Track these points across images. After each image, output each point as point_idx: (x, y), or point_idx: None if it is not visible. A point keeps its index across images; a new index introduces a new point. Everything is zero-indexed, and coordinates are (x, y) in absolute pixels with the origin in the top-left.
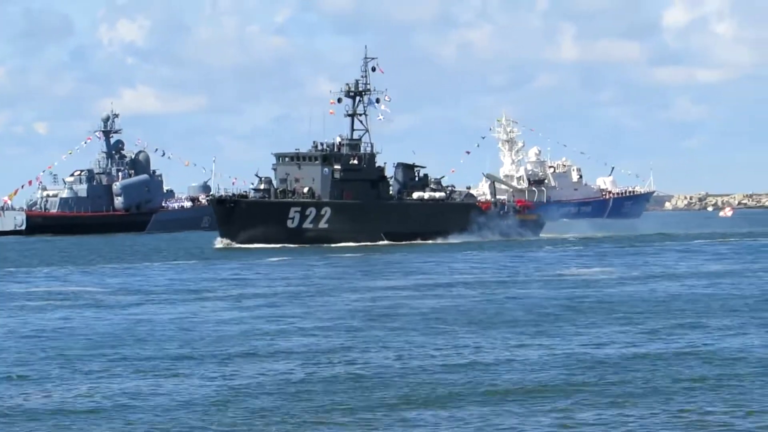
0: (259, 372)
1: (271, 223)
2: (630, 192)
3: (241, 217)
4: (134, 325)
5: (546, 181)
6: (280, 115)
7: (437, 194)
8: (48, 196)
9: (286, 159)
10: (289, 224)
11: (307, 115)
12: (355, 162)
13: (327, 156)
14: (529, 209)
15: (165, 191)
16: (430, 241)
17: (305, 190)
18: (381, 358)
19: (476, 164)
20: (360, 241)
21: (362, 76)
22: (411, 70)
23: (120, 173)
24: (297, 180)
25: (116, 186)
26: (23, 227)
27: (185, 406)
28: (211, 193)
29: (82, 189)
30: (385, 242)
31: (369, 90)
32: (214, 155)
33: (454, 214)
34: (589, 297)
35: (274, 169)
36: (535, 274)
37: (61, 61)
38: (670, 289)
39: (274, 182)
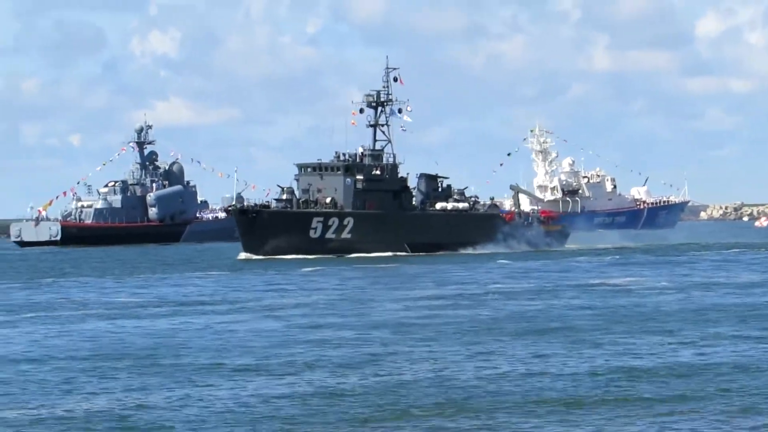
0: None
1: (294, 234)
2: (664, 202)
3: (263, 227)
4: (173, 335)
5: (580, 191)
6: (311, 126)
7: (460, 205)
8: (83, 207)
9: (309, 169)
10: (312, 234)
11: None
12: (378, 172)
13: (349, 166)
14: (554, 220)
15: (199, 202)
16: (461, 251)
17: (328, 200)
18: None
19: (509, 176)
20: (382, 252)
21: (384, 87)
22: (441, 81)
23: (154, 184)
24: (319, 190)
25: (150, 197)
26: (58, 238)
27: (222, 414)
28: (232, 204)
29: (116, 200)
30: (408, 253)
31: (391, 100)
32: (236, 166)
33: (478, 225)
34: (642, 306)
35: (297, 180)
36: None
37: (94, 74)
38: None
39: (297, 192)
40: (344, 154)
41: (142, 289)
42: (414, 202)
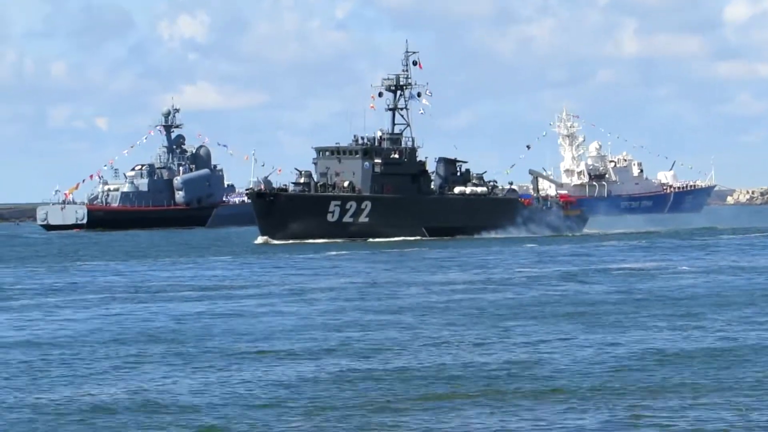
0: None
1: (311, 217)
2: (691, 186)
3: (280, 211)
4: (204, 319)
5: (606, 175)
6: (340, 111)
7: (479, 189)
8: (109, 190)
9: (327, 153)
10: (330, 218)
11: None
12: (396, 156)
13: (368, 150)
14: (573, 204)
15: (226, 186)
16: (477, 236)
17: (345, 184)
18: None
19: (537, 160)
20: (400, 236)
21: (403, 71)
22: (468, 66)
23: (181, 168)
24: (337, 174)
25: (177, 180)
26: (84, 221)
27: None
28: (249, 187)
29: (143, 183)
30: (426, 237)
31: (410, 84)
32: (253, 149)
33: (496, 210)
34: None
35: (315, 163)
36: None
37: (122, 57)
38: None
39: (315, 176)
40: (363, 138)
41: (166, 272)
42: (432, 187)
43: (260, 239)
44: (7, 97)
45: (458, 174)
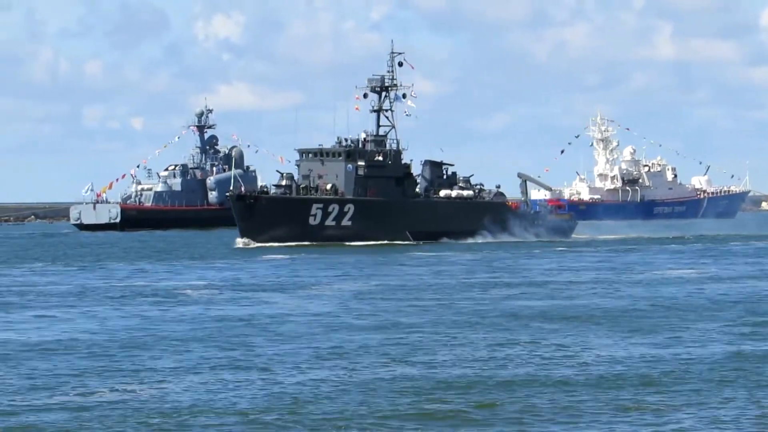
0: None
1: (292, 221)
2: (725, 192)
3: (261, 213)
4: (230, 320)
5: (640, 180)
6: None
7: (465, 192)
8: (142, 189)
9: (310, 155)
10: (311, 221)
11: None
12: (380, 158)
13: (351, 152)
14: (562, 209)
15: (259, 186)
16: (464, 240)
17: (328, 186)
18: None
19: (570, 164)
20: (384, 240)
21: (389, 71)
22: (503, 68)
23: (214, 168)
24: (320, 176)
25: (210, 181)
26: (117, 221)
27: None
28: (230, 189)
29: (176, 183)
30: (410, 242)
31: (396, 85)
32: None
33: (483, 214)
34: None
35: (297, 165)
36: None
37: (157, 57)
38: None
39: (297, 179)
40: (346, 140)
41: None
42: (418, 190)
43: (240, 242)
44: (42, 97)
45: (444, 177)
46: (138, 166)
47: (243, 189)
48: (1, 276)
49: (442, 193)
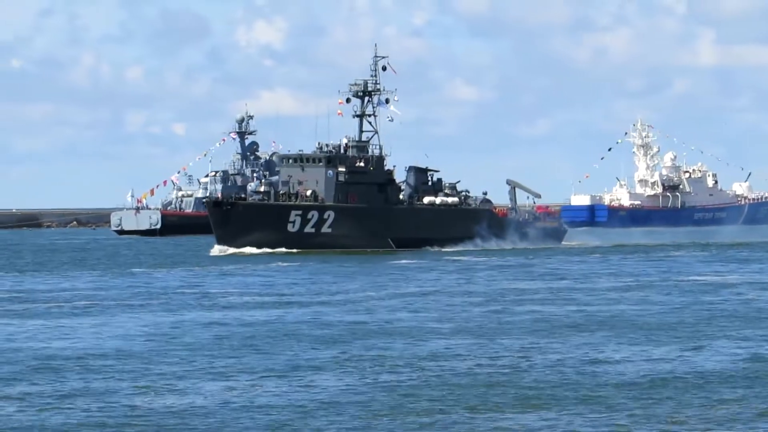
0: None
1: (271, 227)
2: (766, 198)
3: (238, 220)
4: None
5: (681, 186)
6: (417, 118)
7: (450, 199)
8: (183, 196)
9: (290, 160)
10: (290, 228)
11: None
12: (362, 164)
13: (331, 158)
14: (551, 216)
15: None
16: (447, 248)
17: (308, 193)
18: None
19: (611, 169)
20: (366, 247)
21: (372, 76)
22: (545, 74)
23: (254, 174)
24: (300, 182)
25: (251, 187)
26: (158, 226)
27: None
28: (207, 195)
29: (217, 189)
30: (393, 249)
31: (379, 90)
32: None
33: (468, 221)
34: None
35: (278, 171)
36: None
37: (198, 62)
38: None
39: (277, 185)
40: (327, 145)
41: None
42: (402, 196)
43: (216, 249)
44: (84, 102)
45: (429, 183)
46: (178, 173)
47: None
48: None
49: (426, 199)
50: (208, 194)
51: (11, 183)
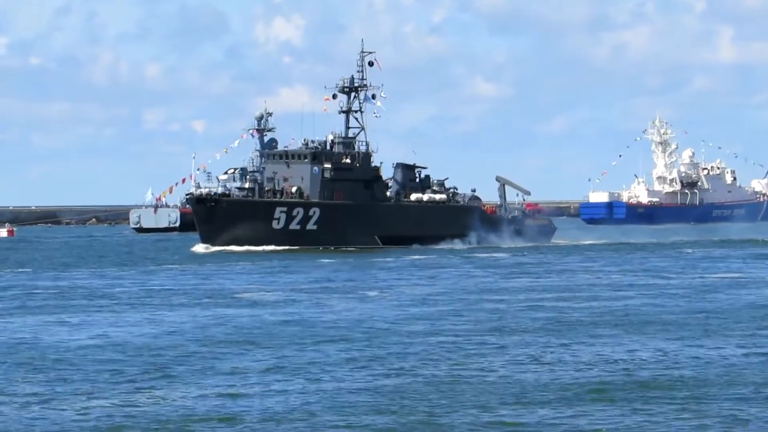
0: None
1: (255, 224)
2: None
3: (222, 217)
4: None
5: (699, 183)
6: (435, 115)
7: (437, 196)
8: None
9: (275, 157)
10: (275, 225)
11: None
12: (348, 161)
13: (317, 154)
14: (540, 213)
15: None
16: (435, 246)
17: (293, 189)
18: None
19: (629, 166)
20: (352, 244)
21: (358, 71)
22: (565, 71)
23: None
24: (285, 179)
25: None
26: (177, 224)
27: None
28: (189, 191)
29: (235, 186)
30: (379, 246)
31: (365, 86)
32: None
33: (455, 218)
34: None
35: (263, 168)
36: None
37: (217, 60)
38: None
39: (262, 181)
40: (313, 141)
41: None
42: (389, 193)
43: (200, 247)
44: (102, 100)
45: (417, 180)
46: (197, 170)
47: (203, 192)
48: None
49: (413, 196)
50: (227, 191)
51: (31, 180)
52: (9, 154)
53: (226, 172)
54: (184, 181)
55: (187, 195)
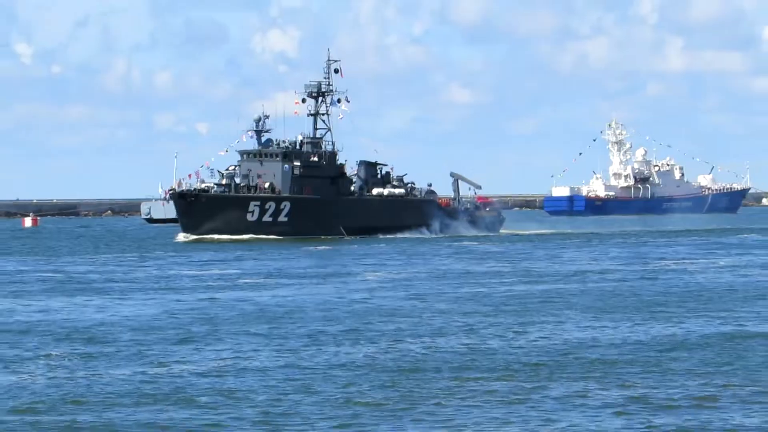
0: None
1: (231, 217)
2: (727, 189)
3: (201, 211)
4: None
5: (651, 178)
6: (416, 117)
7: (397, 190)
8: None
9: (250, 156)
10: (249, 218)
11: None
12: (315, 159)
13: (288, 153)
14: (491, 206)
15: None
16: (395, 235)
17: (266, 185)
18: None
19: (588, 164)
20: (319, 235)
21: (325, 78)
22: (533, 77)
23: None
24: (259, 176)
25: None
26: None
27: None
28: (171, 187)
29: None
30: (344, 236)
31: (332, 91)
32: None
33: (414, 210)
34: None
35: (239, 166)
36: None
37: (219, 68)
38: None
39: (237, 178)
40: (284, 142)
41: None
42: (353, 188)
43: (181, 237)
44: (117, 105)
45: (378, 176)
46: (202, 167)
47: (184, 188)
48: None
49: (375, 191)
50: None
51: (52, 176)
52: (33, 152)
53: (227, 168)
54: (190, 176)
55: (169, 190)
